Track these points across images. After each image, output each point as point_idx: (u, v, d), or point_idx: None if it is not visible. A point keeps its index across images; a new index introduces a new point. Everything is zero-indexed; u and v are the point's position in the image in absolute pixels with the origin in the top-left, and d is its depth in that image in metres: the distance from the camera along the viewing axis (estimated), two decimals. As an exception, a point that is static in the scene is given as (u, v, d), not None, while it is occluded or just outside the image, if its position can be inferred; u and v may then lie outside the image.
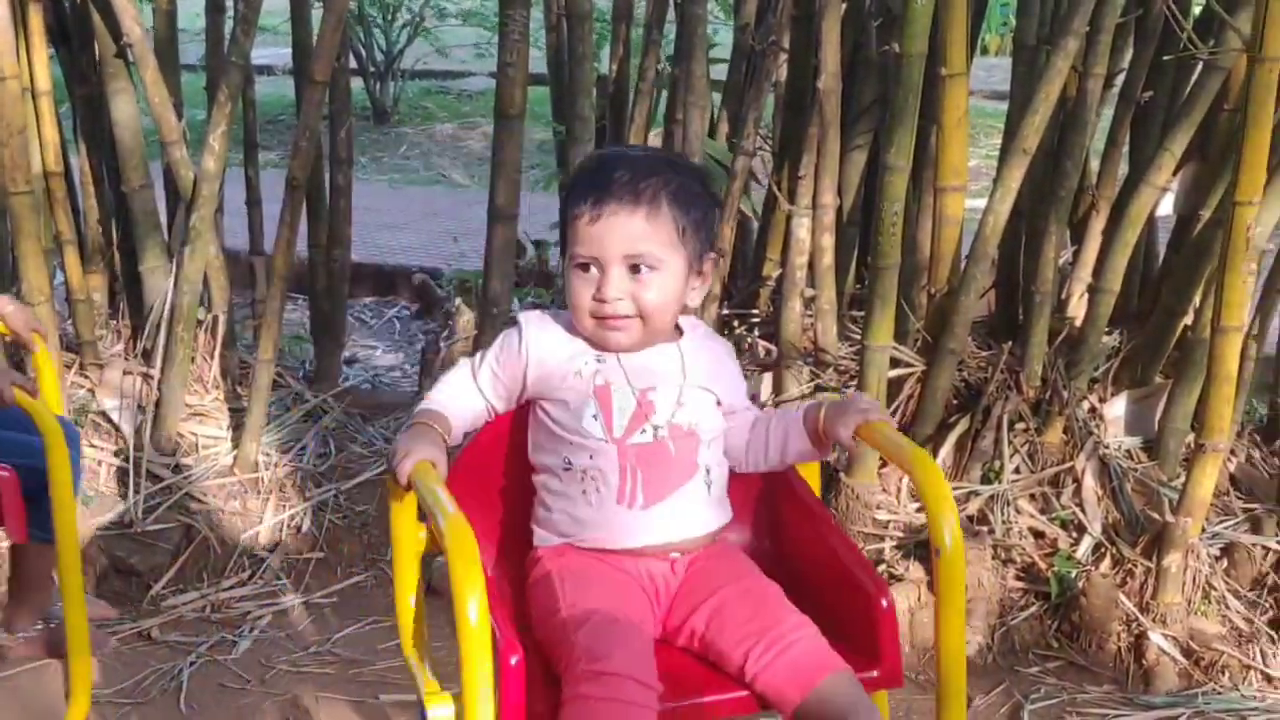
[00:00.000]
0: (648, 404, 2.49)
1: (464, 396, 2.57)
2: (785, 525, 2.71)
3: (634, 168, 2.47)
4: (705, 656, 2.47)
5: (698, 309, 2.73)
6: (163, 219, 4.80)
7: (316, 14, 4.88)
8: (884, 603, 2.43)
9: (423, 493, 2.29)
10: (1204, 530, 4.12)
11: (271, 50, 10.64)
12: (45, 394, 3.41)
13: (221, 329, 4.76)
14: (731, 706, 2.39)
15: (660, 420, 2.50)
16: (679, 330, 2.59)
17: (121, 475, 4.48)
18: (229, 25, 4.83)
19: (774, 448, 2.60)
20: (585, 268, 2.47)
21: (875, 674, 2.44)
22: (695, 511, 2.55)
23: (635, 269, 2.46)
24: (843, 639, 2.43)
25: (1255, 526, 4.26)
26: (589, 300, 2.46)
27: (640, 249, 2.45)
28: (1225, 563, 4.17)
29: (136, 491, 4.40)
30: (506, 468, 2.67)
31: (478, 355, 2.60)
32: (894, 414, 4.37)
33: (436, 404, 2.54)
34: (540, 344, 2.53)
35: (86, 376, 4.69)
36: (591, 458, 2.49)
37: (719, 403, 2.58)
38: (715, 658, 2.44)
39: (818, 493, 2.71)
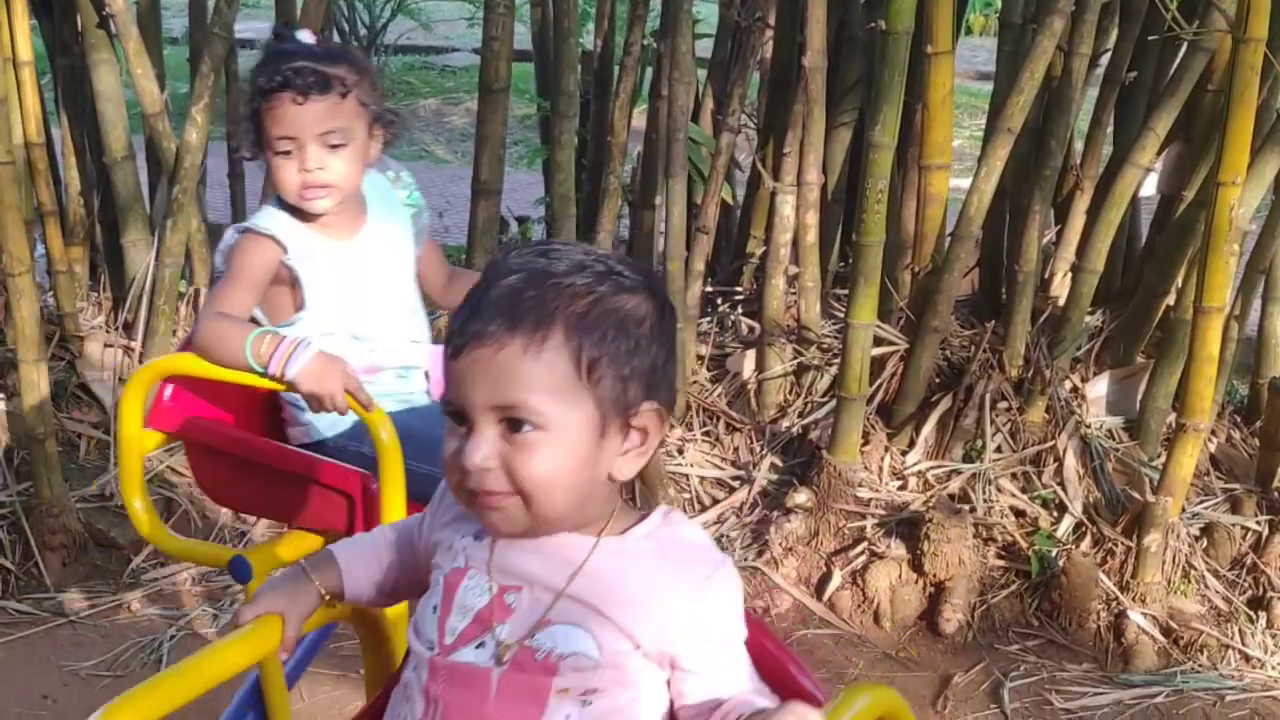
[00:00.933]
0: (502, 608, 1.71)
1: (393, 540, 1.93)
2: None
3: (528, 277, 1.66)
4: None
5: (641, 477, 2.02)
6: (145, 191, 4.78)
7: (300, -13, 4.85)
8: None
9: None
10: (1184, 510, 4.13)
11: (255, 24, 10.59)
12: None
13: (203, 302, 4.75)
14: None
15: (508, 636, 1.69)
16: (642, 519, 1.75)
17: (102, 448, 4.47)
18: (212, -3, 4.81)
19: None
20: (457, 418, 1.68)
21: None
22: None
23: (513, 425, 1.65)
24: None
25: (1235, 506, 4.28)
26: (456, 467, 1.68)
27: (513, 398, 1.63)
28: (1205, 542, 4.18)
29: (116, 464, 4.37)
30: None
31: None
32: (877, 391, 4.38)
33: (337, 548, 1.92)
34: (450, 497, 1.80)
35: (67, 349, 4.67)
36: (414, 669, 1.77)
37: (637, 646, 1.67)
38: None
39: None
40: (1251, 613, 4.04)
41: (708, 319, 4.85)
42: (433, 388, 2.93)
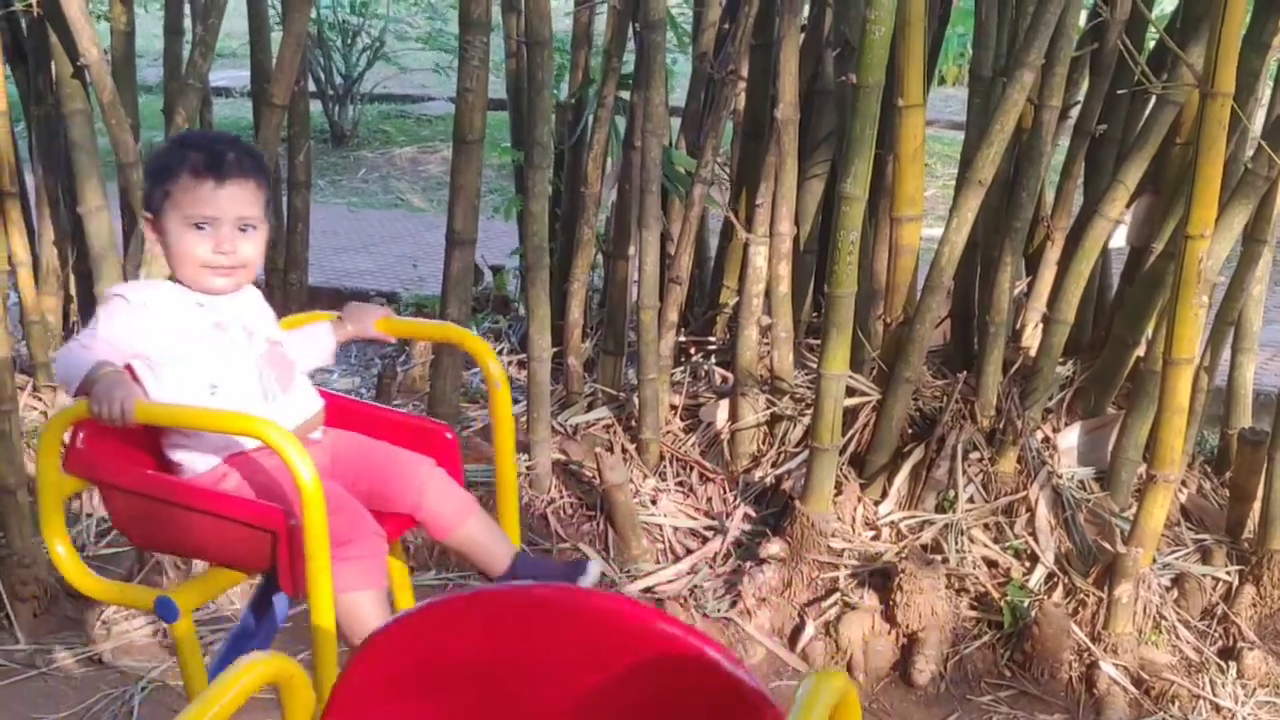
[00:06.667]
0: None
1: None
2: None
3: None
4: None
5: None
6: (119, 241, 4.78)
7: (275, 37, 4.87)
8: (449, 435, 3.07)
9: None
10: (1155, 561, 4.14)
11: (230, 72, 10.63)
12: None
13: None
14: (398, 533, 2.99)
15: None
16: None
17: (74, 498, 4.45)
18: (187, 47, 4.83)
19: None
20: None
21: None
22: None
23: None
24: None
25: (1205, 557, 4.29)
26: None
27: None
28: (1176, 593, 4.20)
29: (89, 515, 4.37)
30: None
31: None
32: (849, 442, 4.39)
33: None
34: None
35: (39, 399, 4.66)
36: None
37: None
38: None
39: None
40: (1222, 663, 4.05)
41: (681, 369, 4.86)
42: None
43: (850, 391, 4.33)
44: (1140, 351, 4.45)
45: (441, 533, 2.97)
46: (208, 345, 2.86)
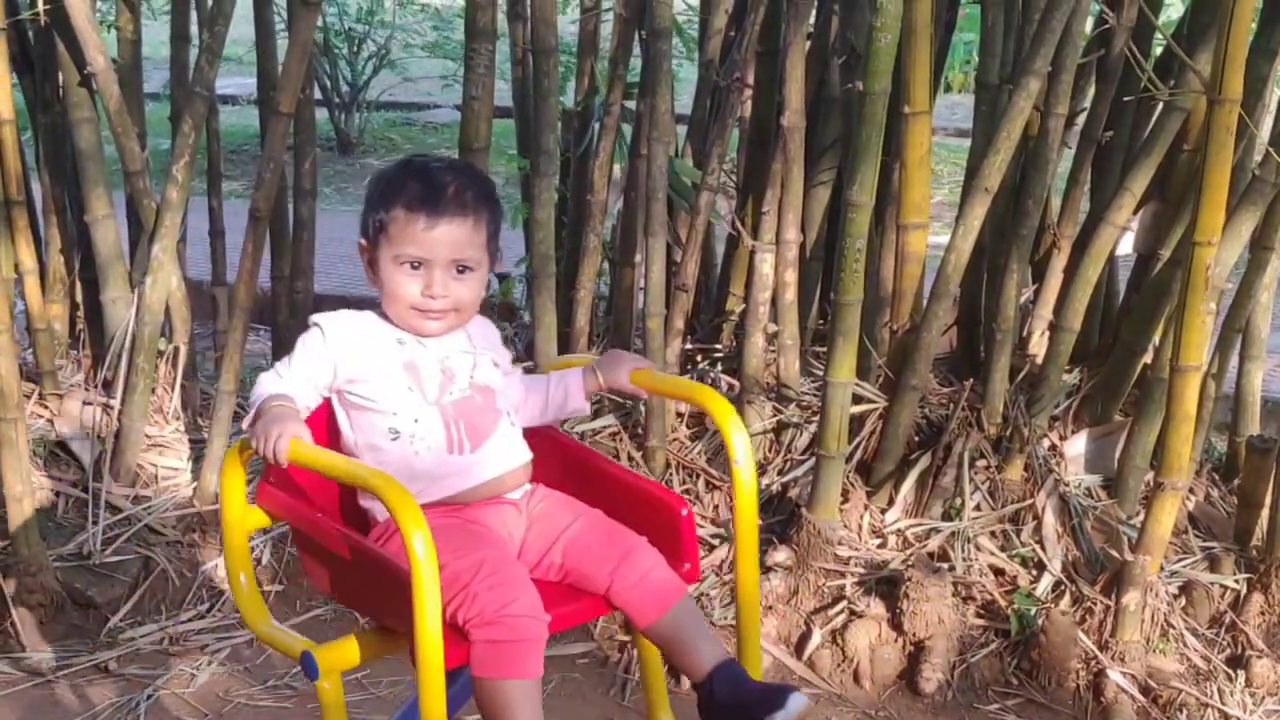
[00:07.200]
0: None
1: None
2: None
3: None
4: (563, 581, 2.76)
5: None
6: (125, 248, 4.78)
7: (281, 44, 4.87)
8: (684, 512, 2.80)
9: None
10: (1163, 568, 4.14)
11: (236, 80, 10.62)
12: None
13: (183, 360, 4.74)
14: (587, 615, 2.88)
15: None
16: None
17: (80, 506, 4.45)
18: (194, 55, 4.82)
19: None
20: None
21: (687, 566, 2.80)
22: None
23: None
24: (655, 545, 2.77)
25: (1213, 565, 4.28)
26: None
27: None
28: (1183, 601, 4.19)
29: (95, 523, 4.37)
30: None
31: None
32: (856, 450, 4.39)
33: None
34: None
35: (46, 406, 4.66)
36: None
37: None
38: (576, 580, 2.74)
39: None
40: (1230, 671, 4.04)
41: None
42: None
43: (857, 399, 4.33)
44: (1148, 359, 4.44)
45: (638, 621, 2.72)
46: (395, 387, 2.72)
